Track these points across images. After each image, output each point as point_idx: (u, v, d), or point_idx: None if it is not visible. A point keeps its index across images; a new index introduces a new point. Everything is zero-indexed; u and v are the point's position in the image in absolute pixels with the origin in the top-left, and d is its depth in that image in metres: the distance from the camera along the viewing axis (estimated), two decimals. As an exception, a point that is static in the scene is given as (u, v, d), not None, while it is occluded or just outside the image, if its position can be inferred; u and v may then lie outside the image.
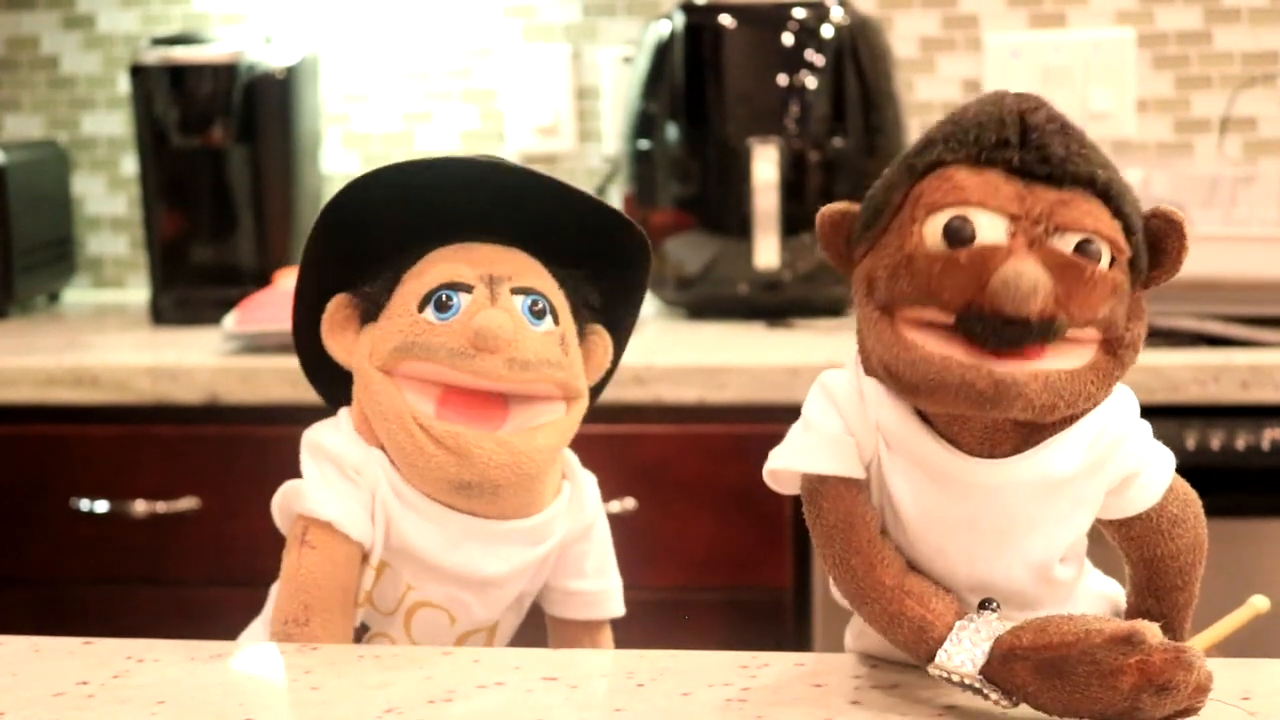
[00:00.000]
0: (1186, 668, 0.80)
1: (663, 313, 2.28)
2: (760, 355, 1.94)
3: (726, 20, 2.21)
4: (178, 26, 2.58)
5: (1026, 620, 0.85)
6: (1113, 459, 0.88)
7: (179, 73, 2.29)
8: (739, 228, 2.18)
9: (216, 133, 2.29)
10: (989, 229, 0.84)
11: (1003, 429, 0.86)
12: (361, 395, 1.09)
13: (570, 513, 1.13)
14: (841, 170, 2.18)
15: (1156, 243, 0.87)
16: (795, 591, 1.92)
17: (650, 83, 2.24)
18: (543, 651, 1.07)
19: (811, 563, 1.89)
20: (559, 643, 1.17)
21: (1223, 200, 2.21)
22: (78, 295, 2.64)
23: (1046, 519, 0.89)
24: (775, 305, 2.19)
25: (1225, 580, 1.14)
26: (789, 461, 0.91)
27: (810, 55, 2.19)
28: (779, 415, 0.94)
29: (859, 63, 2.20)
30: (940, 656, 0.85)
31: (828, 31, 2.20)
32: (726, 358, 1.93)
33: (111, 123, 2.65)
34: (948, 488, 0.88)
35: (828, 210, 0.90)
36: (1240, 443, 1.84)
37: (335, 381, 1.12)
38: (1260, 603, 0.92)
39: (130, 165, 2.59)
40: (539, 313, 1.07)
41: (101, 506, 2.00)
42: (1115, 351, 0.86)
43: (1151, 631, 0.81)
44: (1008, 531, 0.88)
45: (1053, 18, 2.47)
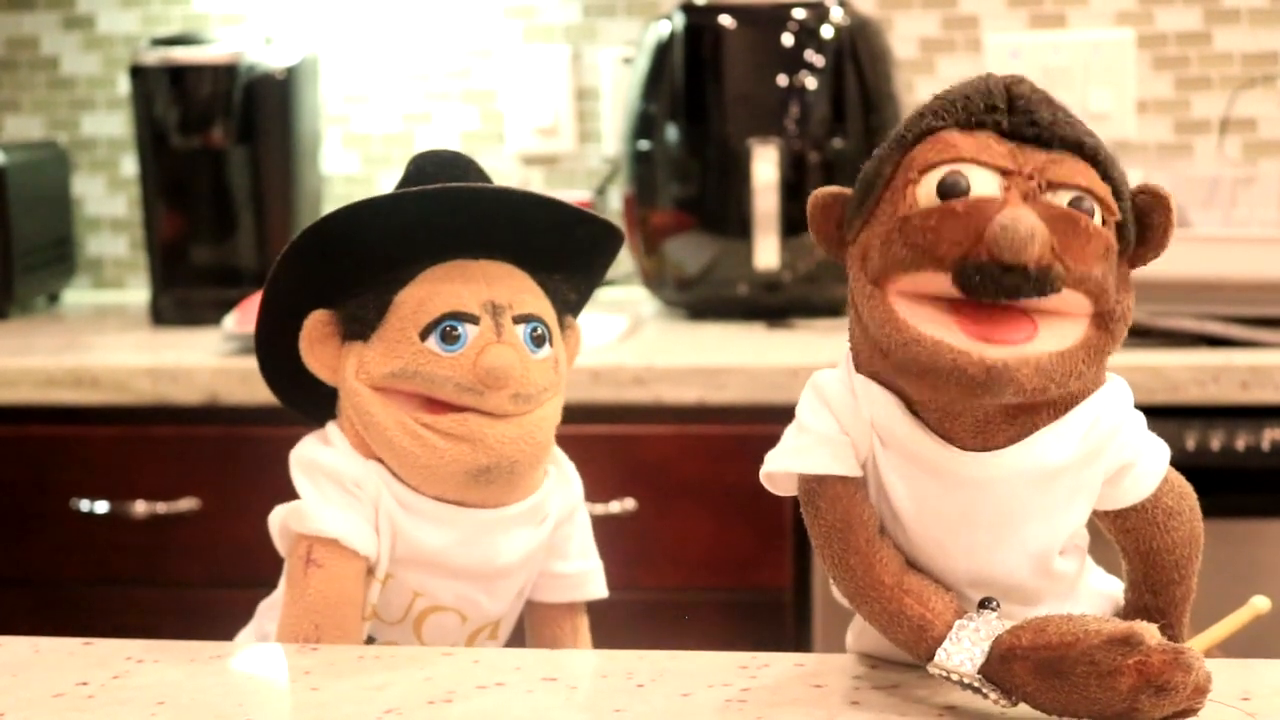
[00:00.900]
0: (1185, 669, 0.80)
1: (663, 313, 2.28)
2: (760, 356, 1.94)
3: (726, 21, 2.21)
4: (178, 27, 2.58)
5: (1026, 620, 0.85)
6: (1108, 449, 0.88)
7: (179, 73, 2.29)
8: (739, 228, 2.18)
9: (216, 133, 2.29)
10: (983, 183, 0.83)
11: (995, 421, 0.86)
12: (351, 411, 1.09)
13: (560, 491, 1.14)
14: (841, 171, 2.18)
15: (1143, 218, 0.87)
16: (795, 592, 1.92)
17: (650, 83, 2.24)
18: (543, 652, 1.08)
19: (811, 563, 1.89)
20: (539, 629, 1.17)
21: (1222, 201, 2.21)
22: (78, 296, 2.64)
23: (1043, 509, 0.88)
24: (775, 306, 2.19)
25: (1225, 580, 1.14)
26: (785, 463, 0.91)
27: (810, 56, 2.19)
28: (779, 416, 0.94)
29: (859, 63, 2.20)
30: (939, 656, 0.86)
31: (828, 32, 2.20)
32: (727, 358, 1.93)
33: (111, 123, 2.65)
34: (943, 482, 0.88)
35: (819, 194, 0.90)
36: (1240, 443, 1.84)
37: (298, 389, 1.13)
38: (1261, 603, 0.91)
39: (130, 166, 2.59)
40: (539, 340, 1.09)
41: (101, 507, 2.00)
42: (1107, 325, 0.85)
43: (1150, 632, 0.81)
44: (1005, 524, 0.88)
45: (1053, 18, 2.47)
